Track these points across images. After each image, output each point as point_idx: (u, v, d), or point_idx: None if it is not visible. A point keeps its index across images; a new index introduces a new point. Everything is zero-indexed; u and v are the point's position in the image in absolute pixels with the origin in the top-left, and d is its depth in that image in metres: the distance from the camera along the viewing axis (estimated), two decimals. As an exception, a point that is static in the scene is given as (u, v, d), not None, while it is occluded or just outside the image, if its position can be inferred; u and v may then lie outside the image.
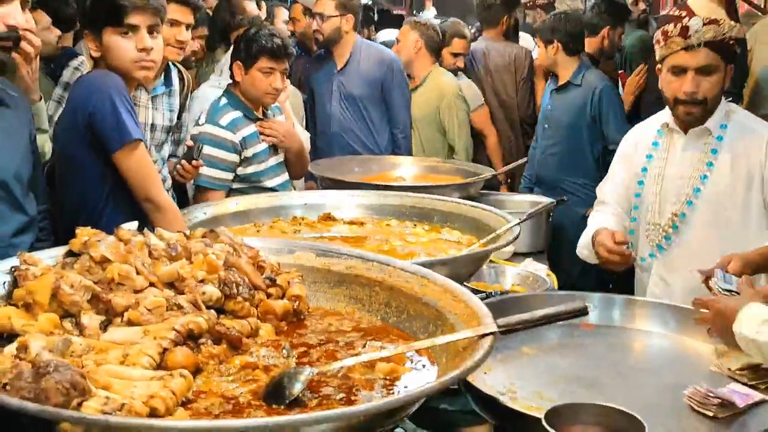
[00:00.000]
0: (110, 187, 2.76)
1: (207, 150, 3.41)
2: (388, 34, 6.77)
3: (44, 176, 2.76)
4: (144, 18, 2.72)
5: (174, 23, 3.35)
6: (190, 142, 3.42)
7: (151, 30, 2.75)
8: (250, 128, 3.56)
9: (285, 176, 3.72)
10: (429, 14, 10.97)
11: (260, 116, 3.61)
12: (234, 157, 3.50)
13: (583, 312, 1.74)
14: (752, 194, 2.72)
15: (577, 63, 4.72)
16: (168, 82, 3.33)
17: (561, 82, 4.71)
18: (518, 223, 2.72)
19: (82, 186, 2.79)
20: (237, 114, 3.54)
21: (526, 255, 3.54)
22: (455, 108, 4.99)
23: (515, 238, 2.65)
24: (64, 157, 2.81)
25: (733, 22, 2.67)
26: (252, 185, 3.55)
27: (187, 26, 3.48)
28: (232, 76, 3.61)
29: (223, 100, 3.58)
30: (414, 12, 13.43)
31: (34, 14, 3.09)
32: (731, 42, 2.65)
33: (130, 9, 2.69)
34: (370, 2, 5.72)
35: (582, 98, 4.60)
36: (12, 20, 2.29)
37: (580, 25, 4.81)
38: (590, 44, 5.18)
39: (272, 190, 3.53)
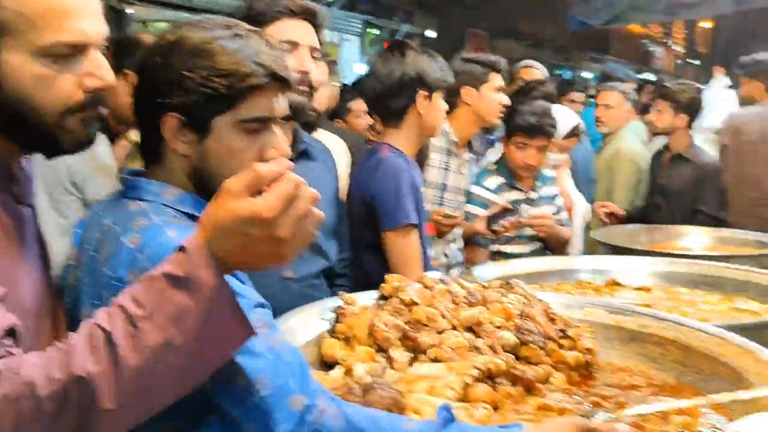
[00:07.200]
0: None
1: (475, 210, 3.65)
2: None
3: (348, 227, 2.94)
4: None
5: None
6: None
7: None
8: (512, 195, 3.74)
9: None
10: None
11: (521, 186, 3.76)
12: None
13: None
14: None
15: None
16: (471, 149, 3.59)
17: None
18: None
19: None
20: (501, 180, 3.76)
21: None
22: None
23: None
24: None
25: None
26: None
27: None
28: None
29: (493, 166, 3.81)
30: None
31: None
32: None
33: None
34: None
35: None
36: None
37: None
38: None
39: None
